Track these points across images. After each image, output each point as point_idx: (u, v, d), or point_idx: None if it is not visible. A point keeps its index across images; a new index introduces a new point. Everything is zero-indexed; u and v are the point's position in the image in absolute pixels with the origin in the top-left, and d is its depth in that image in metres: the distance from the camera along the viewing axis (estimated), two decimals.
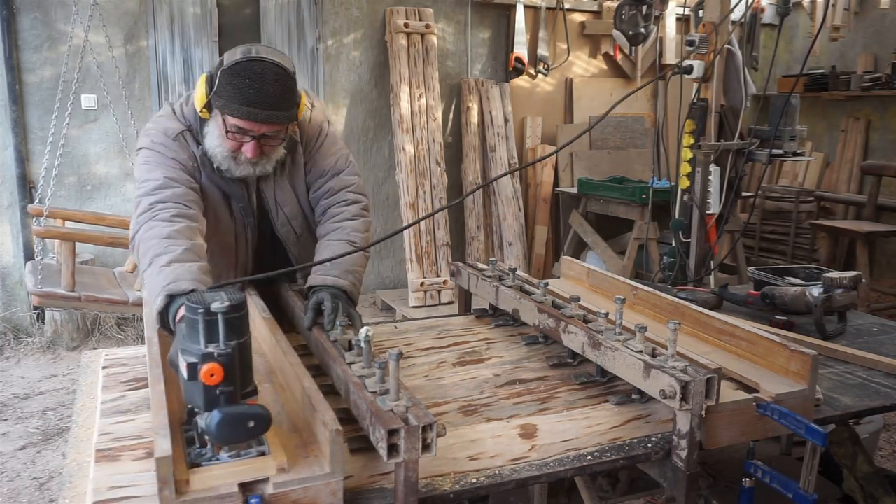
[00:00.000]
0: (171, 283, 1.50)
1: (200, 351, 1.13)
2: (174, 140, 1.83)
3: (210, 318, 1.14)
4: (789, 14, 3.74)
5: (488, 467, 1.32)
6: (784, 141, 3.36)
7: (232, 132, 1.74)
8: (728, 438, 1.46)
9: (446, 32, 5.85)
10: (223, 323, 1.14)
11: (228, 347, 1.14)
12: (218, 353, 1.13)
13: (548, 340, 1.91)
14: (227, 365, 1.13)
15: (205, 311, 1.14)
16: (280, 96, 1.72)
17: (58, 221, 3.86)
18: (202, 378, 1.12)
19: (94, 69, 4.40)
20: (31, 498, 3.03)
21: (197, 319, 1.14)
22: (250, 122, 1.71)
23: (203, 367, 1.12)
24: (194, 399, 1.16)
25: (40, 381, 4.21)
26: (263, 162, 1.82)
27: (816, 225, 5.85)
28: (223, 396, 1.14)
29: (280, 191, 1.96)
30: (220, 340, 1.14)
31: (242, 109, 1.69)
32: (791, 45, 7.22)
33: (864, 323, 2.31)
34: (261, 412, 1.15)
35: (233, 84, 1.69)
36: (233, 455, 1.16)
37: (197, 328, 1.14)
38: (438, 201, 5.54)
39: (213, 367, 1.12)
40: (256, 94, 1.68)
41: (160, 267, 1.55)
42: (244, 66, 1.70)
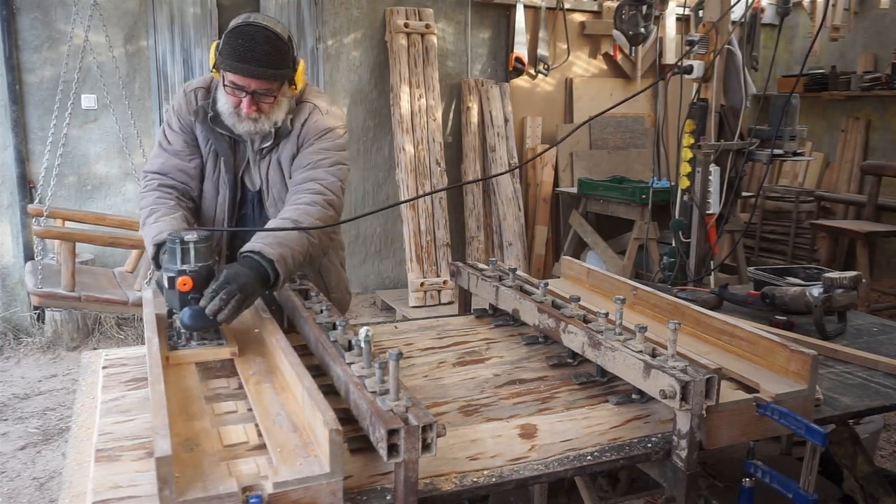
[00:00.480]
0: (157, 235, 1.86)
1: (176, 268, 1.63)
2: (185, 94, 2.11)
3: (184, 246, 1.62)
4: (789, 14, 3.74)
5: (488, 467, 1.32)
6: (784, 141, 3.35)
7: (230, 87, 1.95)
8: (728, 438, 1.46)
9: (446, 32, 5.85)
10: (193, 250, 1.63)
11: (196, 266, 1.63)
12: (189, 269, 1.63)
13: (548, 340, 1.91)
14: (195, 278, 1.62)
15: (180, 241, 1.62)
16: (269, 55, 1.91)
17: (58, 221, 3.86)
18: (178, 287, 1.61)
19: (94, 69, 4.40)
20: (31, 498, 3.03)
21: (175, 247, 1.63)
22: (241, 77, 1.92)
23: (178, 279, 1.61)
24: (173, 302, 1.65)
25: (40, 381, 4.21)
26: (263, 120, 2.00)
27: (816, 225, 5.85)
28: (192, 300, 1.62)
29: (272, 170, 2.11)
30: (191, 262, 1.63)
31: (234, 65, 1.90)
32: (791, 45, 7.22)
33: (864, 323, 2.31)
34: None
35: (229, 44, 1.92)
36: (200, 343, 1.65)
37: (175, 253, 1.63)
38: (438, 201, 5.54)
39: (185, 279, 1.62)
40: (247, 52, 1.89)
41: (150, 225, 1.93)
42: (240, 28, 1.93)
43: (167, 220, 1.93)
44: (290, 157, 2.10)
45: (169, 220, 1.93)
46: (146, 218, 1.98)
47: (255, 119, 1.99)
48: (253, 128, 2.01)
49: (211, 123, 2.06)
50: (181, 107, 2.11)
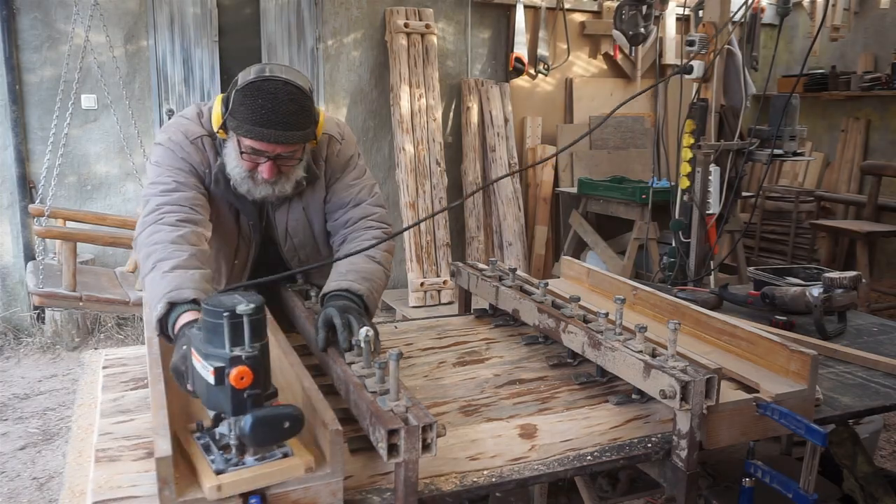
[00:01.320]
0: (174, 291, 1.47)
1: (227, 355, 1.12)
2: (192, 143, 1.80)
3: (235, 321, 1.12)
4: (789, 14, 3.74)
5: (488, 467, 1.32)
6: (784, 141, 3.35)
7: (247, 153, 1.72)
8: (728, 438, 1.46)
9: (446, 32, 5.85)
10: (248, 325, 1.12)
11: (254, 350, 1.13)
12: (245, 355, 1.12)
13: (548, 340, 1.91)
14: (254, 367, 1.13)
15: (230, 314, 1.12)
16: (294, 115, 1.68)
17: (59, 221, 3.86)
18: (231, 382, 1.11)
19: (94, 69, 4.40)
20: (31, 498, 3.03)
21: (221, 323, 1.12)
22: (264, 144, 1.68)
23: (232, 370, 1.11)
24: (220, 404, 1.15)
25: (40, 381, 4.21)
26: (282, 182, 1.78)
27: (816, 225, 5.85)
28: (250, 399, 1.13)
29: (293, 219, 1.92)
30: (245, 343, 1.13)
31: (255, 130, 1.66)
32: (791, 45, 7.22)
33: (864, 323, 2.31)
34: (294, 412, 1.14)
35: (245, 104, 1.67)
36: (258, 459, 1.15)
37: (221, 332, 1.12)
38: (438, 201, 5.54)
39: (243, 370, 1.11)
40: (270, 115, 1.65)
41: (163, 273, 1.53)
42: (257, 85, 1.67)
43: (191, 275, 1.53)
44: (321, 200, 1.91)
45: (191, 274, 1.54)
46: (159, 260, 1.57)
47: (273, 183, 1.77)
48: (272, 192, 1.79)
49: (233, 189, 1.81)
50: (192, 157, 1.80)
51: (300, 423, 1.14)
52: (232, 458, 1.14)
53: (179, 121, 1.86)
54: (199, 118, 1.85)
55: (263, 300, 1.18)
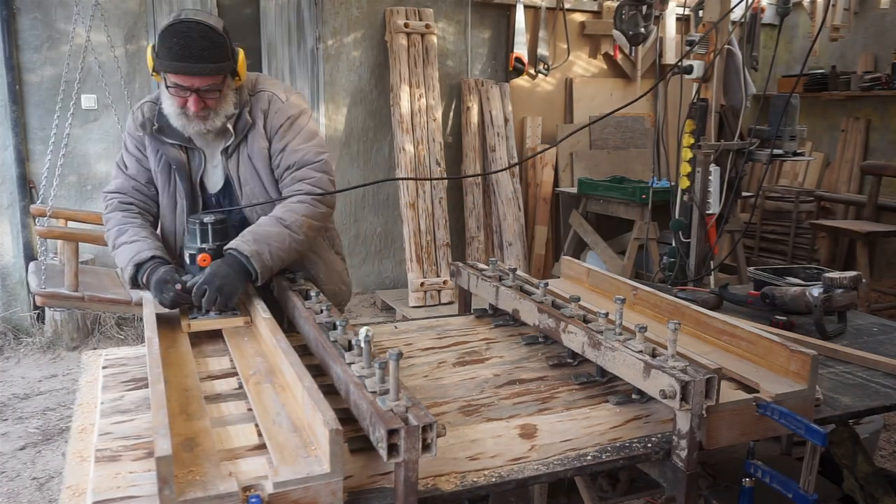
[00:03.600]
0: (136, 255, 1.94)
1: (197, 246, 1.90)
2: (133, 112, 2.10)
3: (202, 227, 1.90)
4: (789, 14, 3.74)
5: (488, 467, 1.32)
6: (784, 141, 3.35)
7: (173, 88, 1.92)
8: (728, 438, 1.46)
9: (446, 32, 5.85)
10: (211, 230, 1.91)
11: (214, 245, 1.91)
12: (207, 247, 1.90)
13: (548, 340, 1.91)
14: (213, 255, 1.89)
15: (199, 222, 1.90)
16: (206, 50, 1.88)
17: (60, 221, 3.86)
18: (198, 262, 1.87)
19: (94, 69, 4.40)
20: (31, 498, 3.03)
21: (195, 227, 1.91)
22: (182, 77, 1.89)
23: (198, 255, 1.88)
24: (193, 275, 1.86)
25: (40, 381, 4.21)
26: (212, 117, 1.97)
27: (816, 225, 5.85)
28: None
29: (243, 167, 2.08)
30: (209, 240, 1.90)
31: (173, 65, 1.88)
32: (791, 45, 7.22)
33: (864, 323, 2.31)
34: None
35: (164, 44, 1.89)
36: (216, 315, 1.84)
37: (195, 233, 1.91)
38: (438, 201, 5.54)
39: (205, 255, 1.88)
40: (184, 50, 1.86)
41: (123, 245, 1.99)
42: (174, 27, 1.89)
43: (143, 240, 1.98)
44: (263, 150, 2.07)
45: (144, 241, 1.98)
46: (116, 238, 2.01)
47: (203, 117, 1.96)
48: (203, 126, 1.98)
49: (158, 134, 2.04)
50: (130, 125, 2.11)
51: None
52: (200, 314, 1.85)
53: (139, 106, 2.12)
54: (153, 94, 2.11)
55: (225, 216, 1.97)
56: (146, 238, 2.00)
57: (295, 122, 2.08)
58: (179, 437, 1.25)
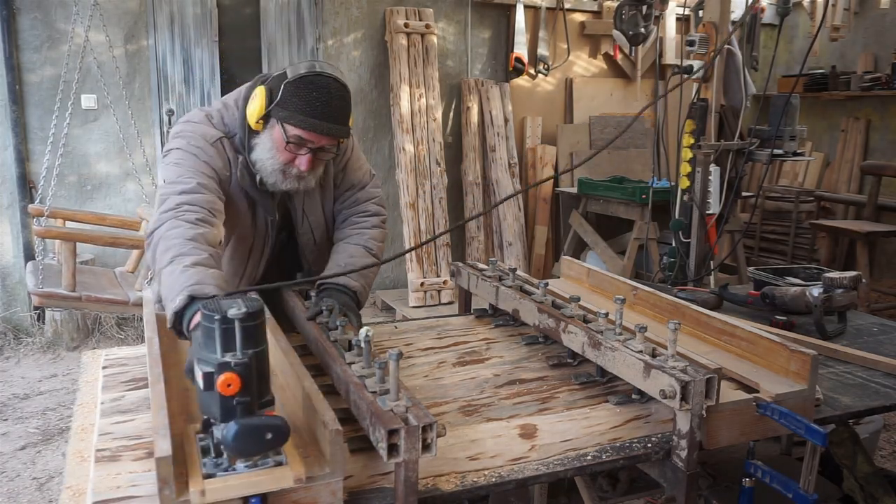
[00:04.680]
0: (195, 285, 1.45)
1: (216, 360, 1.11)
2: (212, 145, 1.83)
3: (227, 326, 1.11)
4: (789, 14, 3.74)
5: (488, 467, 1.32)
6: (784, 141, 3.35)
7: (292, 143, 1.77)
8: (728, 438, 1.46)
9: (446, 32, 5.85)
10: (240, 331, 1.11)
11: (245, 356, 1.11)
12: (234, 362, 1.10)
13: (548, 340, 1.91)
14: (243, 374, 1.10)
15: (221, 319, 1.11)
16: (342, 110, 1.79)
17: (59, 221, 3.86)
18: (218, 388, 1.10)
19: (94, 69, 4.40)
20: (31, 498, 3.03)
21: (213, 327, 1.11)
22: (314, 134, 1.76)
23: (219, 377, 1.09)
24: (210, 409, 1.13)
25: (40, 381, 4.21)
26: (310, 177, 1.85)
27: (816, 225, 5.85)
28: (240, 407, 1.11)
29: (309, 201, 2.00)
30: (236, 349, 1.11)
31: (308, 121, 1.73)
32: (791, 45, 7.22)
33: (864, 323, 2.31)
34: (279, 423, 1.12)
35: (299, 96, 1.73)
36: (249, 465, 1.12)
37: (213, 336, 1.11)
38: (438, 201, 5.54)
39: (230, 376, 1.09)
40: (324, 108, 1.74)
41: (184, 266, 1.51)
42: (311, 79, 1.75)
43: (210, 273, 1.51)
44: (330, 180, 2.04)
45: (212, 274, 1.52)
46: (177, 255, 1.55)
47: (303, 177, 1.83)
48: (298, 185, 1.85)
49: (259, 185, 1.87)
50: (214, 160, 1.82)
51: (284, 435, 1.12)
52: (223, 464, 1.12)
53: (192, 126, 1.87)
54: (209, 120, 1.88)
55: (262, 306, 1.17)
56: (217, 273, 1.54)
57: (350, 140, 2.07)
58: (179, 437, 1.25)
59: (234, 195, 1.87)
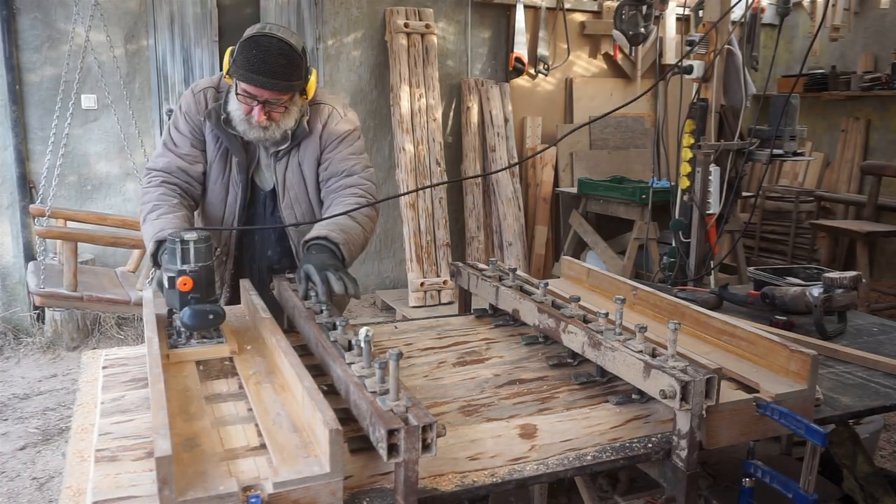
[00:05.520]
0: (160, 231, 1.89)
1: (177, 268, 1.62)
2: (194, 94, 2.13)
3: (184, 246, 1.61)
4: (789, 14, 3.74)
5: (488, 467, 1.32)
6: (784, 141, 3.36)
7: (242, 95, 1.99)
8: (728, 438, 1.46)
9: (446, 32, 5.85)
10: (193, 249, 1.62)
11: (196, 266, 1.63)
12: (189, 269, 1.62)
13: (548, 340, 1.91)
14: (195, 278, 1.62)
15: (180, 241, 1.62)
16: (282, 67, 1.94)
17: (59, 221, 3.86)
18: (178, 287, 1.61)
19: (94, 69, 4.40)
20: (31, 498, 3.03)
21: (175, 246, 1.62)
22: (254, 87, 1.95)
23: (179, 279, 1.61)
24: (173, 302, 1.65)
25: (40, 381, 4.21)
26: (273, 128, 2.04)
27: (816, 225, 5.85)
28: (192, 300, 1.62)
29: (290, 172, 2.16)
30: (191, 262, 1.62)
31: (248, 76, 1.94)
32: (791, 45, 7.22)
33: (864, 323, 2.31)
34: (218, 309, 1.65)
35: (243, 53, 1.95)
36: (200, 342, 1.66)
37: (175, 253, 1.62)
38: (438, 201, 5.54)
39: (186, 279, 1.61)
40: (261, 64, 1.93)
41: (151, 221, 1.96)
42: (256, 39, 1.96)
43: (169, 218, 1.96)
44: (314, 158, 2.16)
45: (171, 219, 1.96)
46: (147, 213, 2.01)
47: (265, 127, 2.03)
48: (263, 135, 2.05)
49: (224, 125, 2.09)
50: (190, 107, 2.13)
51: (221, 316, 1.65)
52: (182, 340, 1.66)
53: (196, 84, 2.18)
54: (211, 78, 2.20)
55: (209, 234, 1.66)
56: (176, 217, 1.99)
57: (349, 135, 2.20)
58: (179, 437, 1.25)
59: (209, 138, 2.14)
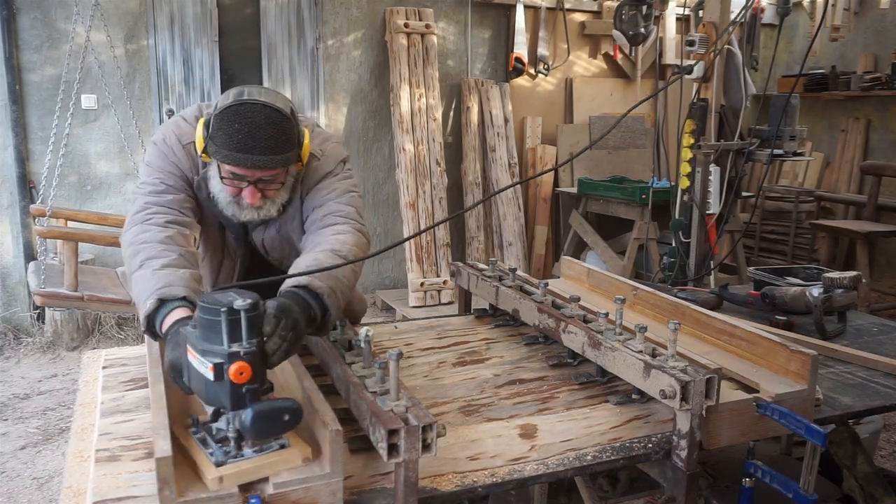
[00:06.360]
0: (164, 288, 1.44)
1: (226, 350, 1.14)
2: (183, 147, 1.77)
3: (233, 318, 1.14)
4: (789, 14, 3.74)
5: (488, 467, 1.32)
6: (784, 141, 3.36)
7: (227, 178, 1.68)
8: (728, 438, 1.46)
9: (446, 32, 5.85)
10: (245, 321, 1.15)
11: (252, 345, 1.16)
12: (244, 351, 1.15)
13: (548, 340, 1.91)
14: (253, 362, 1.15)
15: (228, 311, 1.14)
16: (272, 139, 1.63)
17: (60, 221, 3.86)
18: (231, 377, 1.13)
19: (94, 69, 4.40)
20: (31, 498, 3.03)
21: (219, 320, 1.14)
22: (243, 169, 1.64)
23: (231, 366, 1.13)
24: (220, 399, 1.17)
25: (40, 381, 4.21)
26: (267, 206, 1.75)
27: (816, 225, 5.85)
28: (249, 394, 1.16)
29: (269, 237, 1.89)
30: (243, 339, 1.16)
31: (233, 156, 1.62)
32: (791, 45, 7.22)
33: (864, 323, 2.31)
34: (294, 405, 1.18)
35: (223, 129, 1.62)
36: (256, 450, 1.18)
37: (219, 328, 1.14)
38: (438, 201, 5.54)
39: (242, 365, 1.14)
40: (247, 140, 1.61)
41: (153, 270, 1.50)
42: (234, 109, 1.62)
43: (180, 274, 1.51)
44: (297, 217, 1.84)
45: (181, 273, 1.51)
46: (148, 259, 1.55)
47: (259, 207, 1.73)
48: (257, 216, 1.75)
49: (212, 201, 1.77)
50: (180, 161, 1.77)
51: (299, 415, 1.17)
52: (231, 451, 1.17)
53: (178, 122, 1.82)
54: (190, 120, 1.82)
55: (259, 297, 1.19)
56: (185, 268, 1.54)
57: (327, 178, 1.83)
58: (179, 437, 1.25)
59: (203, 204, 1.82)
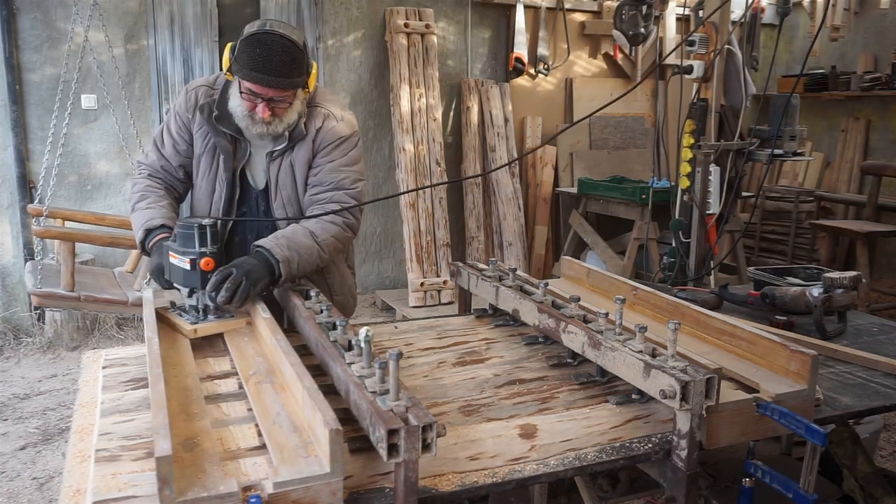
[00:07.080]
0: (148, 221, 2.02)
1: (197, 251, 1.78)
2: (187, 91, 2.15)
3: (201, 230, 1.79)
4: (789, 14, 3.74)
5: (488, 467, 1.32)
6: (784, 141, 3.35)
7: (246, 94, 2.00)
8: (728, 438, 1.46)
9: (446, 32, 5.85)
10: (210, 233, 1.80)
11: (215, 248, 1.81)
12: (209, 251, 1.80)
13: (548, 340, 1.91)
14: (216, 258, 1.80)
15: (198, 226, 1.78)
16: (286, 65, 1.96)
17: (58, 221, 3.86)
18: (201, 267, 1.78)
19: (94, 69, 4.40)
20: (31, 498, 3.03)
21: (191, 232, 1.78)
22: (259, 87, 1.96)
23: (201, 260, 1.78)
24: (194, 283, 1.80)
25: (40, 381, 4.21)
26: (276, 122, 2.04)
27: (816, 225, 5.85)
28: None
29: (283, 172, 2.14)
30: (208, 244, 1.80)
31: (252, 75, 1.95)
32: (791, 45, 7.22)
33: (864, 323, 2.31)
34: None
35: (246, 52, 1.95)
36: (216, 317, 1.83)
37: (193, 237, 1.78)
38: (438, 201, 5.54)
39: (208, 259, 1.78)
40: (264, 63, 1.93)
41: (141, 210, 2.07)
42: (258, 37, 1.96)
43: (157, 208, 2.06)
44: (306, 161, 2.13)
45: (159, 209, 2.06)
46: (137, 202, 2.11)
47: (269, 122, 2.03)
48: (266, 130, 2.05)
49: (215, 122, 2.09)
50: (180, 105, 2.15)
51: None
52: (199, 317, 1.82)
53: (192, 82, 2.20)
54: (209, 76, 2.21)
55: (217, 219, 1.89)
56: (163, 207, 2.08)
57: (344, 142, 2.18)
58: (179, 437, 1.25)
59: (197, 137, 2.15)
